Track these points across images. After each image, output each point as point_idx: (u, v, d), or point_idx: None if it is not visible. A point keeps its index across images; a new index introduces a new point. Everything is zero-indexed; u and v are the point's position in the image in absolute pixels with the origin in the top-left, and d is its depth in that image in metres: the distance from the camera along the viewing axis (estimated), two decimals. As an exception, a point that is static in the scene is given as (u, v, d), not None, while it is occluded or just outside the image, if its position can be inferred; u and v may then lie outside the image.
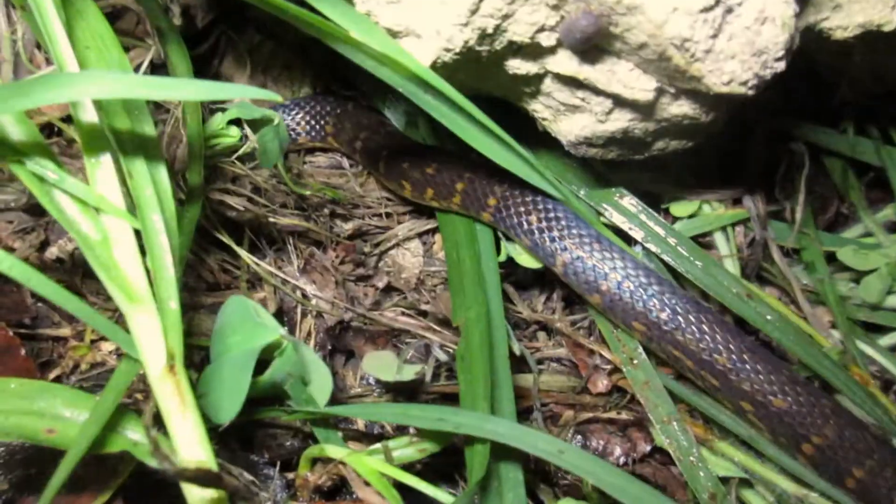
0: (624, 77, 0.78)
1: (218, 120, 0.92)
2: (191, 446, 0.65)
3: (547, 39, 0.75)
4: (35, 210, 1.03)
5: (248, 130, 0.93)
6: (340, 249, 1.08)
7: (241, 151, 1.05)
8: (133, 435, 0.68)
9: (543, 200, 1.00)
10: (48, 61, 1.10)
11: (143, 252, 0.70)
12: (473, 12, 0.71)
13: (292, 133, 1.20)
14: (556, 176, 1.09)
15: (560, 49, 0.77)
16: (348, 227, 1.14)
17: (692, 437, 0.90)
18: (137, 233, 0.71)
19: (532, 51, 0.77)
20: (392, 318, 1.04)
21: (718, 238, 1.19)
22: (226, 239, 1.00)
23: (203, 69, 1.11)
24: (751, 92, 0.76)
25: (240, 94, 0.66)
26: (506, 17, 0.72)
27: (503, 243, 1.07)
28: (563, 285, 1.14)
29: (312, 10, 0.71)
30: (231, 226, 1.03)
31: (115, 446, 0.66)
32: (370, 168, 1.17)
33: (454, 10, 0.71)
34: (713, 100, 0.80)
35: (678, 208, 1.17)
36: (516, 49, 0.77)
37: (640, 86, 0.78)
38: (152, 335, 0.67)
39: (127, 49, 0.95)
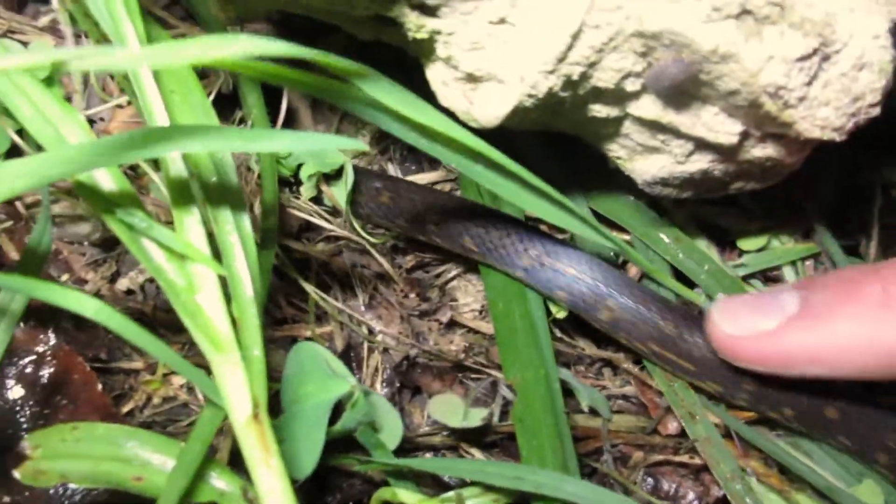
0: (709, 121, 0.76)
1: (300, 174, 0.92)
2: (276, 496, 0.65)
3: (632, 85, 0.74)
4: (107, 243, 1.04)
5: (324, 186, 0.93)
6: (404, 283, 1.08)
7: (305, 192, 1.05)
8: (218, 483, 0.68)
9: None
10: (122, 91, 1.12)
11: (225, 299, 0.71)
12: (561, 60, 0.70)
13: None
14: (615, 215, 1.06)
15: (644, 94, 0.75)
16: (409, 258, 1.14)
17: (757, 495, 0.87)
18: (218, 279, 0.71)
19: (615, 95, 0.76)
20: (457, 354, 1.03)
21: (788, 273, 1.16)
22: (293, 274, 1.01)
23: (271, 99, 1.10)
24: (843, 138, 0.74)
25: (328, 144, 0.66)
26: (593, 64, 0.71)
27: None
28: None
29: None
30: (298, 262, 1.03)
31: (203, 496, 0.66)
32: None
33: (540, 58, 0.70)
34: (801, 144, 0.77)
35: (746, 242, 1.15)
36: (598, 94, 0.76)
37: (725, 129, 0.77)
38: (237, 384, 0.67)
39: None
